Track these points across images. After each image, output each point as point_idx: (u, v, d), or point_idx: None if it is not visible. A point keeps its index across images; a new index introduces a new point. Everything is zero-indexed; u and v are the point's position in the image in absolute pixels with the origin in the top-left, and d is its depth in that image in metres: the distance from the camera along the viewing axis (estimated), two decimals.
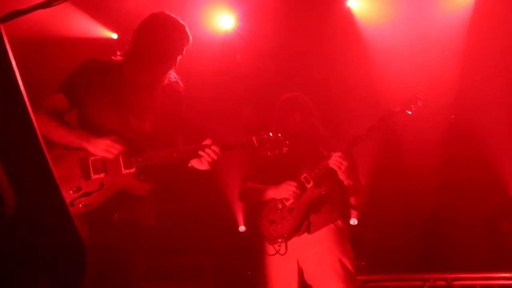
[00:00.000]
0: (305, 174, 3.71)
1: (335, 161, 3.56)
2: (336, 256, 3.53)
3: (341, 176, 3.62)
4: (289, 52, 6.16)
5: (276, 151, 3.34)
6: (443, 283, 5.93)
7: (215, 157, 3.13)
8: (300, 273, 3.69)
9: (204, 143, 3.17)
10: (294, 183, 3.64)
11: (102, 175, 3.02)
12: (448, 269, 6.01)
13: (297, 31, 6.13)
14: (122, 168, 3.05)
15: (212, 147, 3.12)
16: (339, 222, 3.74)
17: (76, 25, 5.38)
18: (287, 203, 3.71)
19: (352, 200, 3.84)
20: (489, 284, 5.81)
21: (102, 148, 2.98)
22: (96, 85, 3.19)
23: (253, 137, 3.25)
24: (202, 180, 6.40)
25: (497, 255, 6.15)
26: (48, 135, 3.02)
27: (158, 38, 3.21)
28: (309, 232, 3.66)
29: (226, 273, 6.61)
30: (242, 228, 7.02)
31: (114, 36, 5.98)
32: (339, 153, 3.56)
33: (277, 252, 3.68)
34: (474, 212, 6.38)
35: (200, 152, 3.13)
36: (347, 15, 6.16)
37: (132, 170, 3.06)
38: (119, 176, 3.04)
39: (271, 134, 3.34)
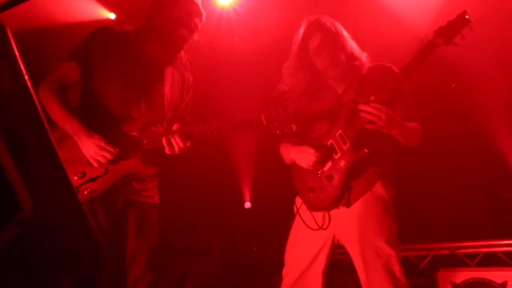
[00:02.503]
0: (340, 131, 3.20)
1: (370, 116, 2.98)
2: (373, 242, 3.01)
3: (383, 130, 3.03)
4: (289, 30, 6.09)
5: (286, 130, 3.10)
6: (447, 252, 6.01)
7: (180, 145, 2.99)
8: (332, 247, 3.25)
9: (174, 127, 3.06)
10: (312, 149, 3.18)
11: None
12: (451, 238, 6.07)
13: (297, 5, 6.06)
14: (128, 153, 3.01)
15: (176, 136, 2.98)
16: (377, 187, 3.19)
17: (71, 8, 5.32)
18: (325, 168, 3.22)
19: (402, 141, 3.21)
20: (493, 251, 5.87)
21: (89, 153, 2.90)
22: (109, 56, 3.12)
23: (262, 115, 3.10)
24: (208, 155, 6.42)
25: (500, 223, 6.20)
26: (49, 114, 2.96)
27: (171, 15, 3.15)
28: (348, 205, 3.16)
29: (233, 251, 6.66)
30: (248, 204, 6.97)
31: (112, 16, 5.91)
32: (370, 104, 2.98)
33: (320, 227, 3.21)
34: (476, 181, 6.41)
35: (170, 138, 3.00)
36: None
37: (137, 154, 3.04)
38: (123, 162, 3.00)
39: (280, 110, 3.11)
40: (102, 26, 3.24)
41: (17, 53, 1.10)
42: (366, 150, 3.11)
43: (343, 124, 3.19)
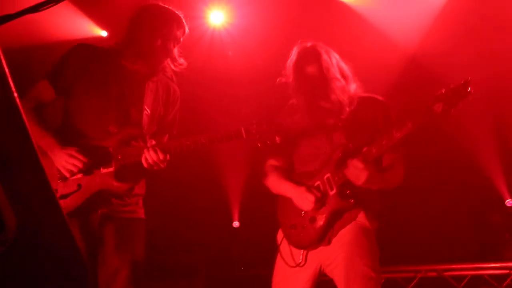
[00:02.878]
0: (328, 175, 3.21)
1: (353, 173, 3.03)
2: (359, 267, 3.04)
3: (362, 186, 3.06)
4: (281, 48, 6.14)
5: (268, 142, 2.98)
6: (434, 274, 6.01)
7: (154, 158, 2.90)
8: (317, 280, 3.26)
9: (148, 143, 3.02)
10: (312, 197, 3.16)
11: (79, 175, 2.91)
12: (439, 261, 6.08)
13: (288, 25, 6.12)
14: (101, 168, 2.95)
15: (151, 149, 2.92)
16: (360, 217, 3.19)
17: (65, 25, 5.34)
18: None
19: (383, 188, 3.25)
20: (479, 274, 5.89)
21: (61, 163, 2.87)
22: (86, 72, 3.06)
23: (242, 128, 2.98)
24: (196, 172, 6.41)
25: (487, 246, 6.23)
26: None
27: (153, 27, 3.09)
28: (329, 243, 3.18)
29: (220, 270, 6.60)
30: (236, 223, 6.89)
31: (104, 34, 5.93)
32: (357, 165, 3.01)
33: (297, 265, 3.22)
34: (464, 204, 6.45)
35: (145, 152, 2.94)
36: (340, 9, 6.16)
37: (111, 169, 2.95)
38: (97, 177, 2.93)
39: (264, 122, 3.00)
40: (80, 43, 3.19)
41: (7, 70, 1.09)
42: (352, 200, 3.13)
43: (332, 168, 3.19)
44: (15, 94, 1.10)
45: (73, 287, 1.12)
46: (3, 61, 1.09)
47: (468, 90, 2.87)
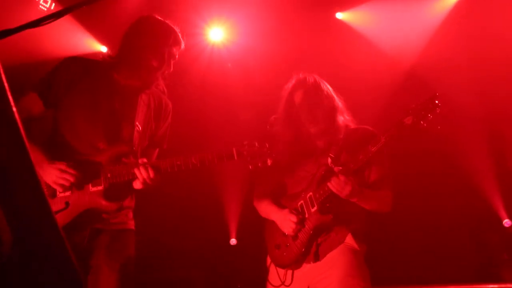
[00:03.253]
0: (310, 193, 3.32)
1: (336, 185, 3.13)
2: (352, 286, 3.13)
3: (342, 196, 3.17)
4: (279, 64, 6.18)
5: (259, 164, 2.99)
6: None
7: (145, 177, 2.87)
8: None
9: (140, 161, 2.95)
10: (294, 218, 3.27)
11: (68, 193, 2.88)
12: (436, 281, 6.03)
13: (286, 43, 6.16)
14: (90, 186, 2.91)
15: (141, 167, 2.88)
16: (348, 239, 3.29)
17: (64, 41, 5.35)
18: None
19: (368, 208, 3.36)
20: None
21: (52, 178, 2.81)
22: (77, 86, 3.02)
23: (233, 149, 2.97)
24: (194, 188, 6.37)
25: (484, 266, 6.19)
26: None
27: (149, 45, 3.07)
28: (318, 259, 3.27)
29: (216, 287, 6.54)
30: (233, 241, 6.80)
31: (104, 49, 5.95)
32: (339, 178, 3.12)
33: (282, 283, 3.33)
34: (460, 224, 6.43)
35: (136, 171, 2.90)
36: (338, 26, 6.22)
37: (100, 188, 2.91)
38: (86, 195, 2.89)
39: (256, 144, 3.01)
40: (71, 56, 3.15)
41: (6, 84, 1.09)
42: (331, 215, 3.24)
43: (315, 187, 3.31)
44: (14, 109, 1.10)
45: None
46: (3, 75, 1.09)
47: (436, 103, 3.06)
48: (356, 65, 6.07)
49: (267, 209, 3.54)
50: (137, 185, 2.93)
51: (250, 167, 3.01)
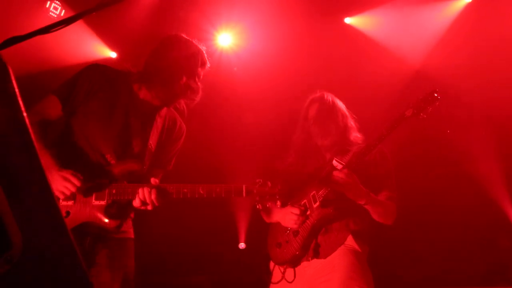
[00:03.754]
0: (313, 192, 3.38)
1: (338, 178, 3.17)
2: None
3: (348, 194, 3.22)
4: (288, 69, 6.19)
5: (267, 205, 3.02)
6: None
7: (146, 197, 2.83)
8: None
9: (152, 181, 2.91)
10: (297, 210, 3.32)
11: (70, 202, 2.85)
12: (447, 284, 6.00)
13: (295, 47, 6.17)
14: (93, 198, 2.88)
15: (146, 189, 2.84)
16: (349, 240, 3.33)
17: (74, 47, 5.39)
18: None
19: (374, 216, 3.38)
20: None
21: (56, 185, 2.76)
22: (96, 94, 3.01)
23: (243, 186, 2.94)
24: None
25: (495, 271, 6.15)
26: None
27: (178, 64, 3.05)
28: (317, 256, 3.31)
29: None
30: (242, 245, 6.81)
31: (113, 55, 5.99)
32: (342, 170, 3.18)
33: (283, 278, 3.38)
34: (472, 228, 6.39)
35: (139, 190, 2.86)
36: (347, 30, 6.23)
37: (102, 202, 2.87)
38: (87, 207, 2.86)
39: (269, 184, 2.95)
40: (96, 63, 3.14)
41: (17, 90, 1.11)
42: (331, 208, 3.29)
43: (318, 185, 3.37)
44: (24, 114, 1.11)
45: None
46: (13, 80, 1.10)
47: (435, 96, 3.26)
48: (364, 67, 6.08)
49: (270, 211, 3.59)
50: (136, 203, 2.88)
51: (258, 206, 2.99)
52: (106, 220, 2.86)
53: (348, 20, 6.23)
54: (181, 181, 2.97)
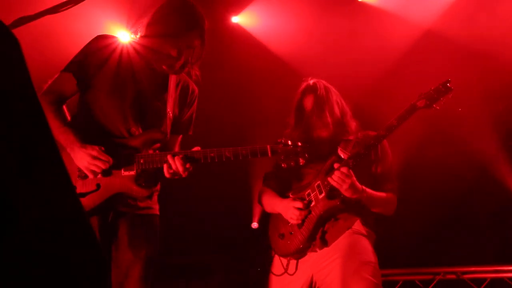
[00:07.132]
0: (318, 182, 3.34)
1: (337, 178, 3.16)
2: (357, 271, 3.14)
3: (345, 193, 3.20)
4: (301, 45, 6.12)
5: (292, 163, 3.03)
6: (453, 276, 5.93)
7: (179, 167, 2.86)
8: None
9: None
10: (299, 204, 3.31)
11: (99, 175, 2.88)
12: (458, 263, 6.00)
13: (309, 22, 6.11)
14: (122, 170, 2.91)
15: (176, 157, 2.88)
16: (356, 225, 3.33)
17: (84, 27, 5.35)
18: None
19: (372, 209, 3.42)
20: (500, 277, 5.80)
21: (83, 164, 2.79)
22: (105, 66, 3.00)
23: (268, 146, 3.02)
24: (221, 172, 6.37)
25: (507, 248, 6.13)
26: None
27: (170, 31, 2.98)
28: (326, 245, 3.28)
29: (236, 271, 6.55)
30: (255, 224, 6.77)
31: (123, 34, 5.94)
32: (341, 169, 3.16)
33: (285, 271, 3.36)
34: (484, 206, 6.36)
35: (169, 159, 2.90)
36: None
37: (132, 173, 2.91)
38: (117, 178, 2.90)
39: (289, 142, 3.05)
40: (102, 34, 3.11)
41: (27, 66, 1.10)
42: (338, 200, 3.24)
43: (323, 176, 3.33)
44: (35, 92, 1.10)
45: (93, 287, 1.12)
46: (23, 56, 1.09)
47: (448, 86, 3.17)
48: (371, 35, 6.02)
49: (271, 202, 3.58)
50: (168, 173, 2.93)
51: (283, 165, 3.06)
52: (137, 189, 2.91)
53: None
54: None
